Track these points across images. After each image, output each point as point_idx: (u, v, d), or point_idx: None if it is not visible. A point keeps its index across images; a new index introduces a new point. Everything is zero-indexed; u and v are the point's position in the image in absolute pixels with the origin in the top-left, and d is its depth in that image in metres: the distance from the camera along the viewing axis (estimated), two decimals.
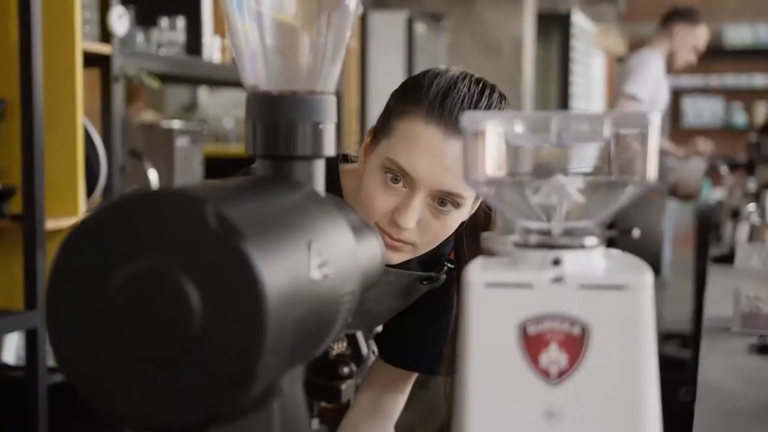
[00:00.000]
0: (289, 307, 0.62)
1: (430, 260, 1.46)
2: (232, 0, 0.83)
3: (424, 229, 1.31)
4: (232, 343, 0.59)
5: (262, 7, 0.82)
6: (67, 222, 2.44)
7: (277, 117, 0.80)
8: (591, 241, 0.70)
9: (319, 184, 0.82)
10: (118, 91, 2.59)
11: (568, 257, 0.69)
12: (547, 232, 0.70)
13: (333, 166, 1.45)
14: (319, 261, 0.69)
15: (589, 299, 0.66)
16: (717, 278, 2.67)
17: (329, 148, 0.82)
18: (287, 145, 0.80)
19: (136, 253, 0.60)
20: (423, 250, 1.35)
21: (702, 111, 10.08)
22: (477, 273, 0.68)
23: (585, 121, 0.68)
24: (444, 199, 1.30)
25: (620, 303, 0.66)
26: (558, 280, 0.67)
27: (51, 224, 2.37)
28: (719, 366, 1.65)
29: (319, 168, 0.82)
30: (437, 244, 1.35)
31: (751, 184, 4.27)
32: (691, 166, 4.82)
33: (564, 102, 7.30)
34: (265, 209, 0.68)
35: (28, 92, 2.32)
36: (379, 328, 1.58)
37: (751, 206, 3.02)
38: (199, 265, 0.60)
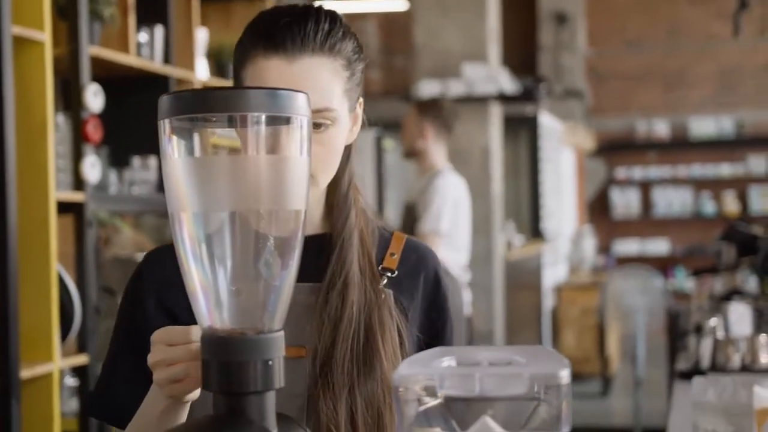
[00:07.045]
0: None
1: None
2: (185, 247, 0.91)
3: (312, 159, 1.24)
4: None
5: (215, 256, 0.90)
6: (42, 369, 2.48)
7: (229, 357, 0.88)
8: None
9: (270, 416, 0.88)
10: (91, 235, 2.66)
11: None
12: None
13: None
14: None
15: None
16: (682, 396, 2.71)
17: (279, 380, 0.89)
18: (239, 382, 0.88)
19: None
20: (324, 180, 1.31)
21: (672, 201, 10.27)
22: None
23: (505, 377, 0.76)
24: (314, 121, 1.24)
25: None
26: None
27: (26, 372, 2.42)
28: None
29: (270, 399, 0.89)
30: (334, 167, 1.32)
31: (718, 286, 4.34)
32: None
33: (534, 200, 7.42)
34: None
35: (2, 241, 2.38)
36: None
37: (713, 321, 3.07)
38: None
